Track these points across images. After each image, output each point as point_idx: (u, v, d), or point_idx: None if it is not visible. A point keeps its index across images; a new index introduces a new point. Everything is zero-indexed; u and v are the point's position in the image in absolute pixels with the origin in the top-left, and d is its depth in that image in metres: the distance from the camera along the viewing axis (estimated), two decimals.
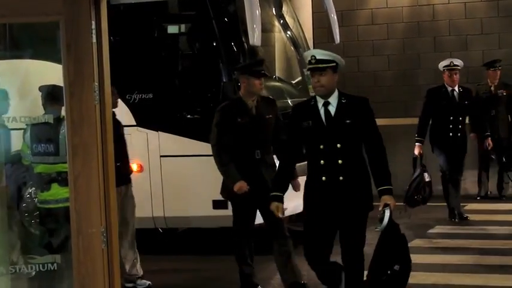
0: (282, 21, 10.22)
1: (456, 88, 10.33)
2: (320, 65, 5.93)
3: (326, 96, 5.97)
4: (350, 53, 13.18)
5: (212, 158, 7.20)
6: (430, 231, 10.00)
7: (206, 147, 7.56)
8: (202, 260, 9.06)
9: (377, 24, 13.60)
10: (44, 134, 6.62)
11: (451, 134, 10.26)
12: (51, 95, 6.64)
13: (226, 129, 7.08)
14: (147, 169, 9.08)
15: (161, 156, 9.13)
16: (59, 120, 6.18)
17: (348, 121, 5.92)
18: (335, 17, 10.44)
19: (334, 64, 5.97)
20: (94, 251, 4.32)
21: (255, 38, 8.29)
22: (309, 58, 6.01)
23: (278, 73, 9.96)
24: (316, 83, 5.96)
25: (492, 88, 11.92)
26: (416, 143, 10.13)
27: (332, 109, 5.96)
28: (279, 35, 10.20)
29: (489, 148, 11.16)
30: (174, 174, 9.01)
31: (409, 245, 6.09)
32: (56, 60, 4.48)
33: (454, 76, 10.27)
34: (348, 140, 5.92)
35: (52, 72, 5.10)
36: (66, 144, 4.32)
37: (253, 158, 7.06)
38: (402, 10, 13.50)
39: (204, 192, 8.68)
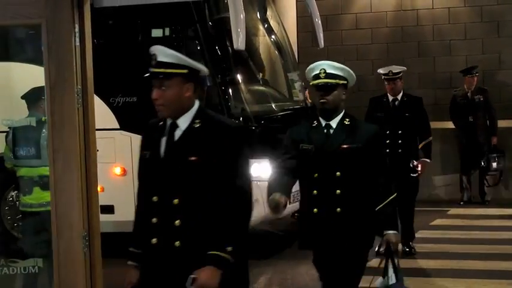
0: (266, 25, 10.22)
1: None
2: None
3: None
4: (334, 57, 13.13)
5: None
6: None
7: None
8: None
9: (361, 29, 13.62)
10: (26, 136, 6.58)
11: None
12: (34, 96, 6.61)
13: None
14: (131, 172, 9.05)
15: None
16: (41, 122, 6.16)
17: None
18: (319, 21, 10.45)
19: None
20: (75, 254, 4.30)
21: (239, 42, 8.27)
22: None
23: (262, 77, 9.95)
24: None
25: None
26: None
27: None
28: (263, 39, 10.19)
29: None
30: None
31: None
32: (38, 63, 4.45)
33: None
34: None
35: (35, 75, 5.07)
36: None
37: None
38: (386, 15, 13.53)
39: None
